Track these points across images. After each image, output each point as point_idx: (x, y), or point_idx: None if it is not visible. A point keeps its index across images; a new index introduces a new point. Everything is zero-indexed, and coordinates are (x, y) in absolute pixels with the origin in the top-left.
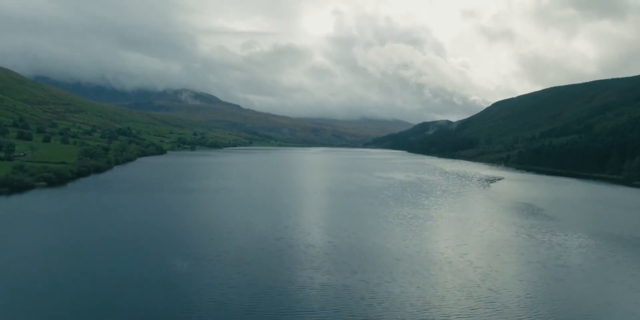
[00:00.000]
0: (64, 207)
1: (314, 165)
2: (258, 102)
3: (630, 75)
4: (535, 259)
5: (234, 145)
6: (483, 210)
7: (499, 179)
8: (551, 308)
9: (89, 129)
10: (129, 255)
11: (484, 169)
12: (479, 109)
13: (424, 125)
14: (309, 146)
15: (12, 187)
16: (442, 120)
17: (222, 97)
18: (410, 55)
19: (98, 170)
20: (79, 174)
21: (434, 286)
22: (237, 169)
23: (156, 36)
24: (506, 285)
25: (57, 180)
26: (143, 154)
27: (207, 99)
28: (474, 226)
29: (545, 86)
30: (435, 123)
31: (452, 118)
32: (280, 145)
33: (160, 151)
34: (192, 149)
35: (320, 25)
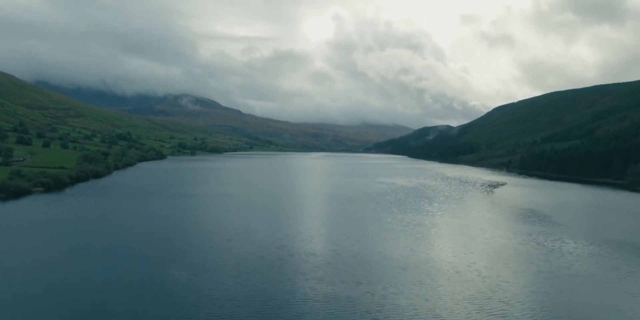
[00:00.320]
0: (60, 212)
1: (314, 170)
2: (258, 107)
3: (631, 80)
4: (547, 269)
5: (235, 150)
6: (488, 217)
7: (501, 184)
8: None
9: (89, 133)
10: (125, 264)
11: (486, 174)
12: (479, 114)
13: (424, 130)
14: (310, 151)
15: (9, 192)
16: (442, 125)
17: (223, 102)
18: (410, 60)
19: (97, 176)
20: (77, 179)
21: (443, 298)
22: (237, 174)
23: (156, 41)
24: (518, 297)
25: (54, 185)
26: (143, 159)
27: (207, 104)
28: (480, 233)
29: (545, 91)
30: (435, 128)
31: (453, 123)
32: (280, 150)
33: (160, 156)
34: (193, 154)
35: (321, 31)
